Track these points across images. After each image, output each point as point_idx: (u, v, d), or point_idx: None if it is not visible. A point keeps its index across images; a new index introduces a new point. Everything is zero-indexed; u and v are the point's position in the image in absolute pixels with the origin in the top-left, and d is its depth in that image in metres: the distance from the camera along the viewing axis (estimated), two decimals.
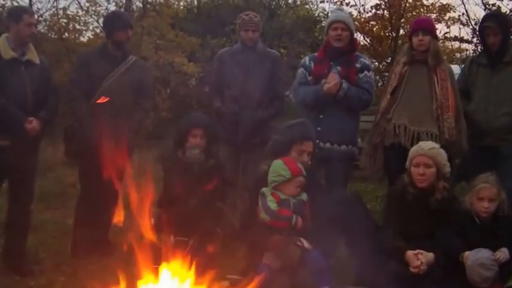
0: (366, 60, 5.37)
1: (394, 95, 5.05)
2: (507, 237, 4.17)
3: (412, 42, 5.07)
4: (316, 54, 5.46)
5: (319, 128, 5.03)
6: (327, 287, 4.18)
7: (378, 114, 5.15)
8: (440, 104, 4.90)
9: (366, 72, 5.22)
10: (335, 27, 5.18)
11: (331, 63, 5.19)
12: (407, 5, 13.83)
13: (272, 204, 4.23)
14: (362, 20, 14.08)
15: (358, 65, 5.21)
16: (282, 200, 4.26)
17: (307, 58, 5.48)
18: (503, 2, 12.31)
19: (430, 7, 14.24)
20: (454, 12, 14.08)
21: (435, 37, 5.20)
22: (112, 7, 12.85)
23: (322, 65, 5.21)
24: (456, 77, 5.36)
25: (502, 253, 4.10)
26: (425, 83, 4.99)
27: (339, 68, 5.16)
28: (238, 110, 5.55)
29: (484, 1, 12.76)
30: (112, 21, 5.44)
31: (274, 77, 5.68)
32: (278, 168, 4.31)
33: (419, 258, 4.06)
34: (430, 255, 4.07)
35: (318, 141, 5.04)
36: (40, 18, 12.28)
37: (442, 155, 4.35)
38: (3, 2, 12.26)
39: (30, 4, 12.31)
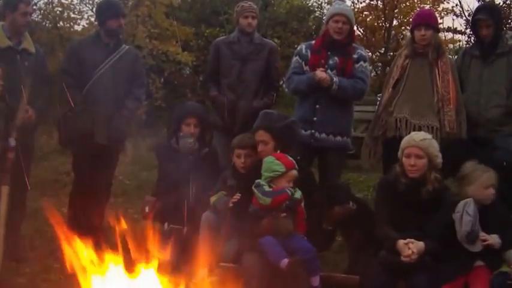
0: (362, 51, 5.38)
1: (396, 88, 5.07)
2: (497, 224, 4.19)
3: (414, 36, 5.08)
4: (313, 42, 5.43)
5: (315, 118, 5.06)
6: (317, 275, 4.24)
7: (380, 106, 5.15)
8: (442, 97, 4.93)
9: (361, 62, 5.23)
10: (336, 20, 5.16)
11: (329, 53, 5.20)
12: None
13: (268, 188, 4.29)
14: (355, 10, 14.08)
15: (355, 56, 5.23)
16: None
17: (303, 46, 5.43)
18: None
19: None
20: (448, 3, 14.12)
21: (437, 30, 5.23)
22: None
23: (320, 55, 5.21)
24: None
25: (493, 239, 4.13)
26: (426, 76, 5.01)
27: (336, 58, 5.17)
28: (235, 99, 5.58)
29: None
30: (104, 10, 5.44)
31: (270, 67, 5.69)
32: (271, 164, 4.35)
33: (410, 248, 4.04)
34: (421, 244, 4.07)
35: (313, 131, 5.08)
36: (35, 7, 12.21)
37: (434, 146, 4.33)
38: None
39: None
